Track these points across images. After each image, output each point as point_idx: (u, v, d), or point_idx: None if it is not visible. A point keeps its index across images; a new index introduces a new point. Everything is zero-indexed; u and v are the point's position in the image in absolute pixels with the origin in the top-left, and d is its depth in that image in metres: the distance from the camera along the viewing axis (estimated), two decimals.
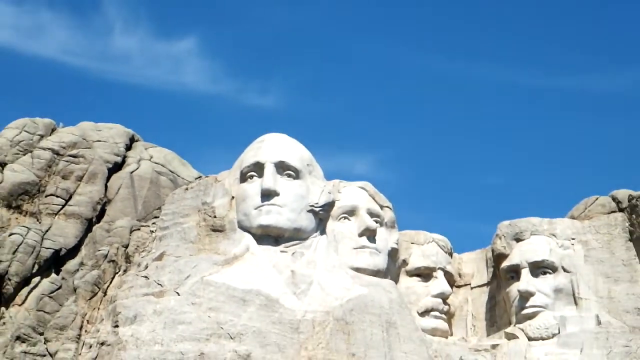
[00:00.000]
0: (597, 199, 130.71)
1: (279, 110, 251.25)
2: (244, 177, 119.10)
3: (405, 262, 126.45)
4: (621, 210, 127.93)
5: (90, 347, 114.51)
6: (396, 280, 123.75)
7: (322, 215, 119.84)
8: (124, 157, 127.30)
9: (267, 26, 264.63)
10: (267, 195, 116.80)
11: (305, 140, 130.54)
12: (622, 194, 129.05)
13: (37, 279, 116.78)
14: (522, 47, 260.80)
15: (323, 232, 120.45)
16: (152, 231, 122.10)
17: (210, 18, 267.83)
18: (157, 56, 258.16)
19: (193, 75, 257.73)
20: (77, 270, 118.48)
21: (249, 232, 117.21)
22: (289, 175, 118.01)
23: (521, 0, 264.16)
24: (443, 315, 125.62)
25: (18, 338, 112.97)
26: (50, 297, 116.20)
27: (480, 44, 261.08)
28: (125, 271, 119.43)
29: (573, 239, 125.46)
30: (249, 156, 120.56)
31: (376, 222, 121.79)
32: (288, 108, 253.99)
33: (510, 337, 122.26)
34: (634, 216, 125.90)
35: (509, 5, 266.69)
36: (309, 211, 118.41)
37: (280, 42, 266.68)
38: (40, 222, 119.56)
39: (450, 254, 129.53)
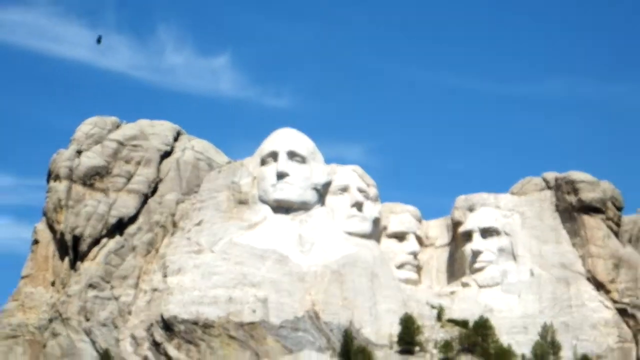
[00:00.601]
0: (531, 179, 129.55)
1: (291, 109, 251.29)
2: (263, 162, 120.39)
3: (385, 227, 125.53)
4: (549, 188, 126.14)
5: (146, 292, 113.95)
6: (379, 241, 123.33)
7: (322, 191, 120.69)
8: (172, 147, 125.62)
9: (281, 43, 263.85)
10: (281, 176, 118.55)
11: (311, 132, 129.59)
12: (551, 175, 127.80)
13: (105, 240, 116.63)
14: (481, 61, 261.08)
15: (323, 204, 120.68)
16: (193, 203, 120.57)
17: (239, 39, 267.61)
18: (199, 69, 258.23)
19: (225, 84, 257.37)
20: (136, 233, 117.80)
21: (267, 204, 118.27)
22: (298, 161, 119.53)
23: (481, 19, 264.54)
24: (414, 268, 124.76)
25: (90, 285, 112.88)
26: (115, 254, 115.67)
27: (447, 57, 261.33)
28: (172, 234, 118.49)
29: (513, 210, 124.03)
30: (266, 146, 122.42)
31: (364, 196, 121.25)
32: (298, 108, 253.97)
33: (465, 285, 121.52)
34: (559, 193, 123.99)
35: (474, 24, 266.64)
36: (312, 188, 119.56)
37: (292, 55, 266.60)
38: (108, 197, 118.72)
39: (420, 221, 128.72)
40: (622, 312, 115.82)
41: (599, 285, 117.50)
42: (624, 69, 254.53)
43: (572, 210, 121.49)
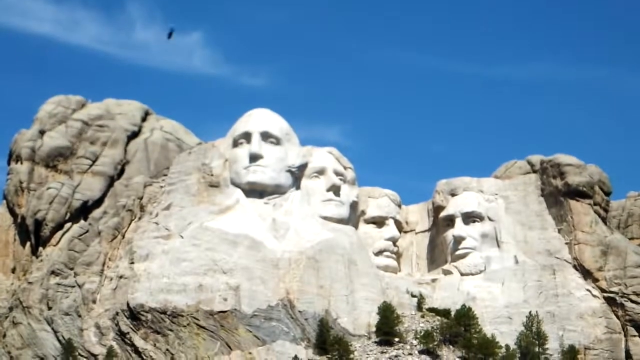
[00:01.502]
0: (515, 162, 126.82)
1: (267, 89, 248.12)
2: (235, 143, 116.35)
3: (363, 212, 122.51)
4: (534, 171, 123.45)
5: (111, 279, 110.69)
6: (356, 227, 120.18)
7: (297, 174, 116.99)
8: (140, 127, 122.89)
9: (258, 23, 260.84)
10: (254, 158, 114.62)
11: (288, 113, 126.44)
12: (536, 158, 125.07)
13: (68, 224, 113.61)
14: (464, 43, 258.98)
15: (298, 187, 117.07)
16: (162, 186, 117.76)
17: (213, 16, 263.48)
18: (170, 46, 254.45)
19: (198, 62, 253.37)
20: (101, 217, 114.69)
21: (239, 187, 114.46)
22: (272, 142, 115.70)
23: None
24: (393, 255, 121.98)
25: (52, 272, 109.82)
26: (79, 239, 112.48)
27: (428, 40, 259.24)
28: (140, 218, 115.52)
29: (496, 194, 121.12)
30: (239, 127, 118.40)
31: (340, 180, 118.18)
32: (275, 88, 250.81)
33: (447, 272, 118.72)
34: (544, 176, 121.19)
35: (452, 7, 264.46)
36: (287, 171, 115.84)
37: (269, 35, 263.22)
38: (72, 179, 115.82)
39: (399, 206, 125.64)
40: (611, 302, 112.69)
41: (586, 273, 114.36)
42: (608, 51, 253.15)
43: (558, 195, 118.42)
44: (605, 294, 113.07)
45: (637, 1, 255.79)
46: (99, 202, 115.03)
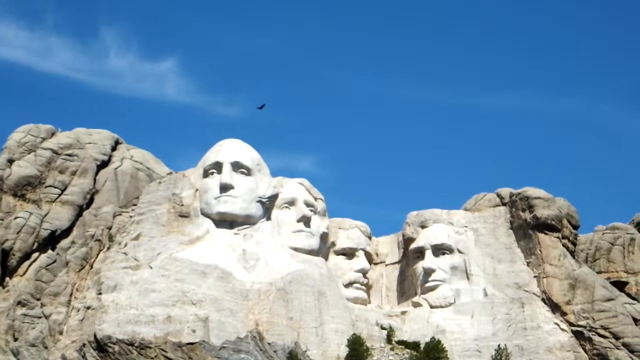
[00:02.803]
0: (485, 195, 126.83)
1: (242, 119, 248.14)
2: (206, 173, 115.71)
3: (333, 244, 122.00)
4: (504, 204, 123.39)
5: (79, 310, 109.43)
6: (326, 258, 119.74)
7: (268, 204, 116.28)
8: (110, 156, 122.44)
9: (233, 51, 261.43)
10: (225, 188, 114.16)
11: (262, 143, 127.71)
12: (505, 191, 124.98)
13: (36, 254, 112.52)
14: (437, 72, 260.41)
15: (269, 218, 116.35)
16: (131, 216, 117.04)
17: (187, 44, 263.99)
18: (144, 74, 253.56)
19: (172, 90, 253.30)
20: (69, 247, 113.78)
21: (210, 217, 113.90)
22: (242, 173, 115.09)
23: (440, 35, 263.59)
24: (363, 287, 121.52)
25: (19, 303, 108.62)
26: (46, 269, 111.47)
27: (403, 67, 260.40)
28: (108, 248, 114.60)
29: (466, 226, 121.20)
30: (210, 157, 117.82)
31: (311, 210, 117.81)
32: (249, 117, 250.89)
33: (416, 305, 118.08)
34: (513, 209, 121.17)
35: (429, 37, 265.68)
36: (257, 201, 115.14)
37: (244, 64, 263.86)
38: (40, 208, 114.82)
39: (370, 237, 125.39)
40: (579, 335, 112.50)
41: (555, 307, 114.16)
42: (579, 82, 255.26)
43: (527, 228, 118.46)
44: (573, 328, 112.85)
45: (608, 32, 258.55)
46: (67, 232, 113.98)
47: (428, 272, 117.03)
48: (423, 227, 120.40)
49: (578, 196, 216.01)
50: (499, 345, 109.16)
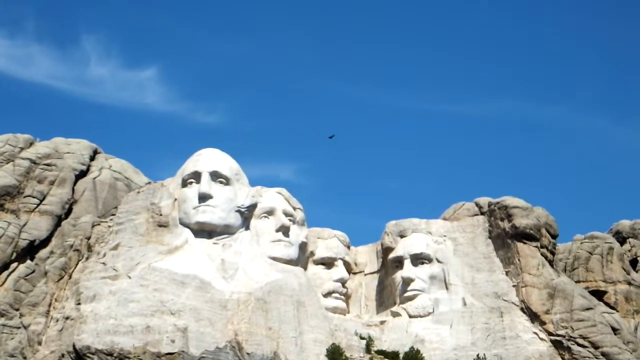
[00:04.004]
0: (463, 204, 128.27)
1: (223, 127, 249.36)
2: (184, 183, 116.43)
3: (312, 253, 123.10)
4: (482, 213, 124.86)
5: (57, 320, 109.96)
6: (305, 268, 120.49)
7: (246, 214, 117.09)
8: (88, 166, 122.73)
9: (214, 59, 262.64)
10: (203, 197, 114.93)
11: (242, 152, 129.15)
12: (483, 200, 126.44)
13: (15, 264, 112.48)
14: (418, 80, 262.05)
15: (247, 228, 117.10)
16: (110, 226, 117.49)
17: (168, 52, 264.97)
18: (125, 82, 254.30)
19: (153, 98, 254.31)
20: (48, 257, 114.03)
21: (188, 227, 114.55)
22: (221, 182, 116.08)
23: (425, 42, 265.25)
24: (342, 297, 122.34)
25: None
26: (25, 279, 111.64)
27: (383, 77, 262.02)
28: (87, 258, 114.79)
29: (445, 236, 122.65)
30: (189, 166, 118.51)
31: (290, 220, 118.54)
32: (230, 125, 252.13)
33: (395, 314, 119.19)
34: (492, 219, 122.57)
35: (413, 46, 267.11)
36: (236, 211, 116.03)
37: (225, 72, 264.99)
38: (19, 218, 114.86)
39: (349, 247, 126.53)
40: (557, 345, 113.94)
41: (534, 316, 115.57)
42: (560, 91, 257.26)
43: (506, 237, 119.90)
44: (552, 337, 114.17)
45: (590, 41, 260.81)
46: (45, 242, 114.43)
47: (407, 282, 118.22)
48: (402, 236, 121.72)
49: (557, 205, 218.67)
50: (477, 355, 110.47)
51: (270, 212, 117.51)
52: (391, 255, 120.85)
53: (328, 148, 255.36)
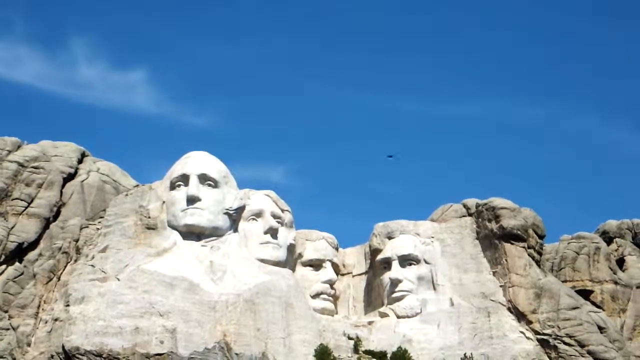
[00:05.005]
0: (451, 206, 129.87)
1: (212, 129, 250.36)
2: (172, 186, 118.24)
3: (300, 255, 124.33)
4: (470, 215, 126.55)
5: (46, 322, 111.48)
6: (293, 270, 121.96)
7: (235, 216, 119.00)
8: (76, 169, 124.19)
9: (203, 61, 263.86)
10: (192, 200, 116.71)
11: (231, 154, 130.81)
12: (471, 202, 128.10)
13: (3, 266, 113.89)
14: (408, 81, 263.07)
15: (236, 230, 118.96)
16: (98, 228, 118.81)
17: (157, 54, 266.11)
18: (113, 84, 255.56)
19: (141, 100, 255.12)
20: (37, 259, 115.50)
21: (177, 229, 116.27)
22: (209, 185, 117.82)
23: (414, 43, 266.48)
24: (330, 298, 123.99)
25: None
26: (14, 281, 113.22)
27: (370, 79, 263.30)
28: (75, 261, 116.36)
29: (432, 237, 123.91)
30: (177, 169, 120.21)
31: (278, 222, 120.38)
32: (219, 128, 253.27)
33: (383, 315, 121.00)
34: (480, 220, 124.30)
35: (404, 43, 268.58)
36: (224, 213, 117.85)
37: (214, 74, 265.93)
38: (7, 221, 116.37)
39: (337, 249, 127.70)
40: (544, 344, 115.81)
41: (520, 316, 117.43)
42: (546, 91, 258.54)
43: (493, 238, 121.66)
44: (538, 336, 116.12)
45: (576, 41, 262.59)
46: (34, 245, 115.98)
47: (395, 283, 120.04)
48: (390, 238, 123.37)
49: (544, 206, 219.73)
50: (464, 354, 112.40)
51: (258, 215, 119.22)
52: (379, 257, 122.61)
53: (317, 150, 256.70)
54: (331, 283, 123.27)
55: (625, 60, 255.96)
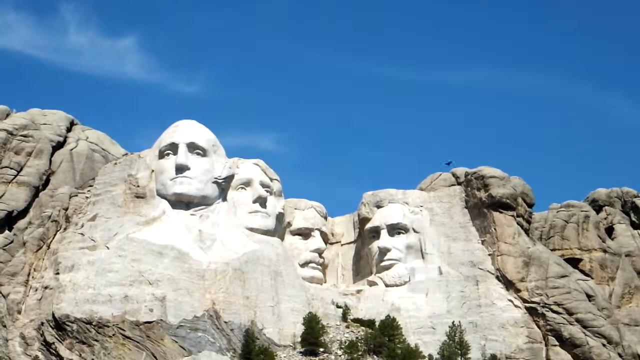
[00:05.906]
0: (440, 174, 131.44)
1: (202, 97, 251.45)
2: (161, 155, 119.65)
3: (289, 224, 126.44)
4: (459, 184, 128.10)
5: (36, 290, 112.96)
6: (282, 238, 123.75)
7: (224, 185, 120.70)
8: (65, 138, 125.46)
9: (194, 28, 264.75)
10: (181, 169, 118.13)
11: (222, 121, 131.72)
12: (460, 171, 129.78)
13: None
14: (400, 49, 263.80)
15: (225, 199, 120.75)
16: (87, 197, 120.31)
17: (147, 21, 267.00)
18: (104, 51, 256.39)
19: (132, 67, 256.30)
20: (26, 228, 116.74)
21: (165, 198, 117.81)
22: (198, 154, 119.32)
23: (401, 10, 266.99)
24: (319, 267, 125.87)
25: None
26: (4, 249, 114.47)
27: (363, 46, 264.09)
28: (65, 229, 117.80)
29: (421, 206, 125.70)
30: (166, 138, 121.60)
31: (267, 191, 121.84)
32: (209, 95, 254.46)
33: (372, 284, 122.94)
34: (468, 188, 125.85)
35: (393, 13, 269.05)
36: (213, 182, 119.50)
37: (205, 41, 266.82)
38: None
39: (325, 218, 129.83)
40: (532, 312, 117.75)
41: (509, 284, 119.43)
42: (541, 59, 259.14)
43: (482, 207, 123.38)
44: (527, 304, 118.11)
45: (570, 8, 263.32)
46: (24, 213, 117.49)
47: (383, 252, 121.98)
48: (378, 207, 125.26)
49: (533, 175, 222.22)
50: (453, 322, 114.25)
51: (247, 184, 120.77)
52: (368, 226, 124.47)
53: (306, 118, 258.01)
54: (320, 252, 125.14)
55: (618, 28, 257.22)
